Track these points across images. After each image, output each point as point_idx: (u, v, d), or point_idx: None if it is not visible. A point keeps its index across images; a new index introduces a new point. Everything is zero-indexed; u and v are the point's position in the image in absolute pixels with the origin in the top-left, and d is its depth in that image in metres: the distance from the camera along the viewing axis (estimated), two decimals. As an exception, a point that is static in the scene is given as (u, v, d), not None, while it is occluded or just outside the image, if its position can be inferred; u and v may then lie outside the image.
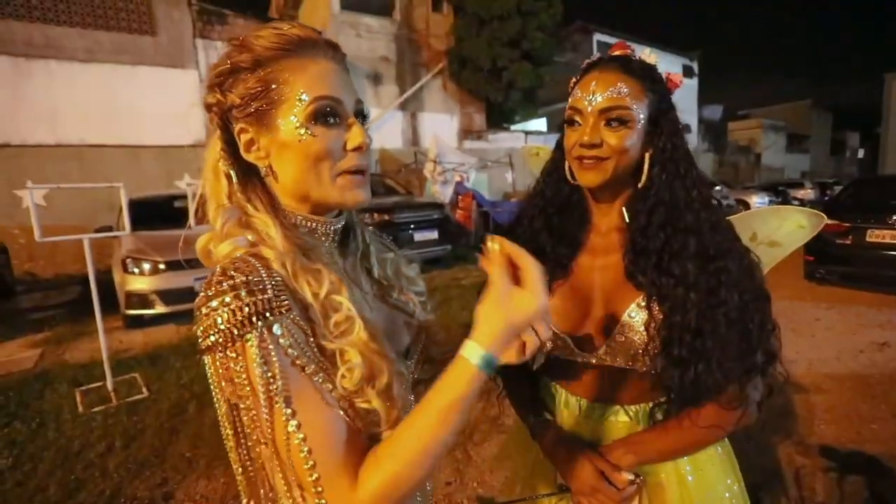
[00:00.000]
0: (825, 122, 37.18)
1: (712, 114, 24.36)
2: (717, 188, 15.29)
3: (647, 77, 0.77)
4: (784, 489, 2.13)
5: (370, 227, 0.77)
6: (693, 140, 21.82)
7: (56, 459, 2.42)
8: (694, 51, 21.80)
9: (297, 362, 0.51)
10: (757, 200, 14.30)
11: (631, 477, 0.74)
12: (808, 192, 17.58)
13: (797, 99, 37.02)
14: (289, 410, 0.49)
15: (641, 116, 0.75)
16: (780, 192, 16.87)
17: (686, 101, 21.21)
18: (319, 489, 0.49)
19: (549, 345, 0.51)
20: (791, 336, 4.06)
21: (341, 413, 0.53)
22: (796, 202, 16.22)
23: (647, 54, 0.81)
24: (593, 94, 0.75)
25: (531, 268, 0.52)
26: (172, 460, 2.42)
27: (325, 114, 0.56)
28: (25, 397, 3.15)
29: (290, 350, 0.51)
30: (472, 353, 0.49)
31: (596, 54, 0.84)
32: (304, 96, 0.55)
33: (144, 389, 3.23)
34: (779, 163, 29.18)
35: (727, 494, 0.82)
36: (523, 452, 0.96)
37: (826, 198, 16.13)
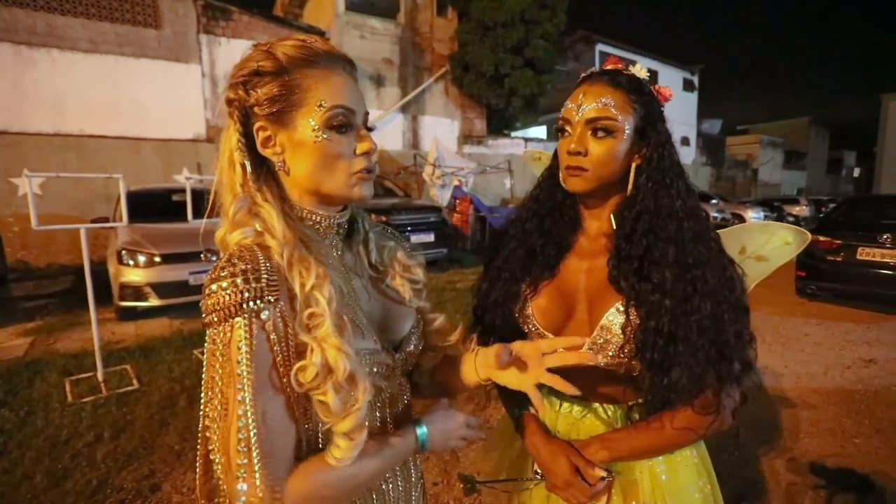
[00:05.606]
0: (822, 139, 37.54)
1: (711, 128, 24.55)
2: (714, 201, 15.40)
3: (634, 90, 0.80)
4: (767, 501, 2.15)
5: (373, 217, 0.80)
6: (691, 153, 21.96)
7: (44, 448, 2.42)
8: (695, 65, 21.98)
9: (274, 349, 0.56)
10: (752, 215, 14.41)
11: (603, 473, 0.77)
12: (803, 209, 17.71)
13: (796, 116, 37.38)
14: (243, 395, 0.54)
15: (627, 127, 0.79)
16: (775, 207, 17.00)
17: (686, 114, 21.37)
18: (242, 473, 0.53)
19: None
20: (780, 350, 4.10)
21: (290, 406, 0.58)
22: (791, 218, 16.34)
23: (637, 69, 0.85)
24: (581, 105, 0.80)
25: None
26: (161, 452, 2.42)
27: (339, 121, 0.63)
28: (14, 385, 3.14)
29: (271, 336, 0.56)
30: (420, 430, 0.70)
31: (598, 64, 0.87)
32: (323, 103, 0.61)
33: (135, 381, 3.23)
34: (776, 178, 29.41)
35: (698, 495, 0.84)
36: (508, 445, 0.99)
37: (821, 215, 16.27)
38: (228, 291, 0.55)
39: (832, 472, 2.36)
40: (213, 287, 0.56)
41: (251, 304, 0.55)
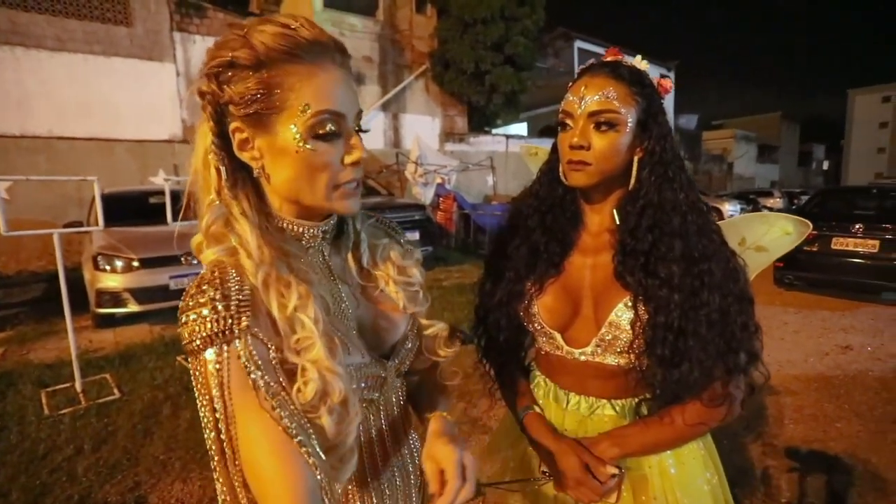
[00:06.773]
0: (793, 133, 38.70)
1: (688, 123, 25.05)
2: (693, 195, 15.70)
3: (636, 82, 0.79)
4: (756, 487, 2.20)
5: (369, 215, 0.75)
6: (669, 148, 22.34)
7: (20, 463, 2.32)
8: (671, 61, 22.37)
9: (252, 377, 0.52)
10: (729, 208, 14.76)
11: (614, 470, 0.76)
12: (776, 201, 18.20)
13: (768, 111, 38.44)
14: (224, 427, 0.51)
15: (630, 120, 0.78)
16: (750, 200, 17.42)
17: (663, 109, 21.74)
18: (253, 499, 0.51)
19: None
20: (762, 339, 4.20)
21: (289, 428, 0.54)
22: (765, 210, 16.79)
23: (638, 60, 0.84)
24: (583, 98, 0.78)
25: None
26: (146, 463, 2.34)
27: (327, 128, 0.55)
28: (-14, 399, 3.01)
29: (247, 365, 0.52)
30: None
31: (577, 61, 0.86)
32: (307, 108, 0.54)
33: (116, 390, 3.12)
34: (750, 172, 30.18)
35: (706, 487, 0.84)
36: (513, 445, 0.97)
37: (794, 207, 16.74)
38: (198, 323, 0.51)
39: (805, 454, 2.45)
40: (184, 318, 0.52)
41: (221, 334, 0.51)
